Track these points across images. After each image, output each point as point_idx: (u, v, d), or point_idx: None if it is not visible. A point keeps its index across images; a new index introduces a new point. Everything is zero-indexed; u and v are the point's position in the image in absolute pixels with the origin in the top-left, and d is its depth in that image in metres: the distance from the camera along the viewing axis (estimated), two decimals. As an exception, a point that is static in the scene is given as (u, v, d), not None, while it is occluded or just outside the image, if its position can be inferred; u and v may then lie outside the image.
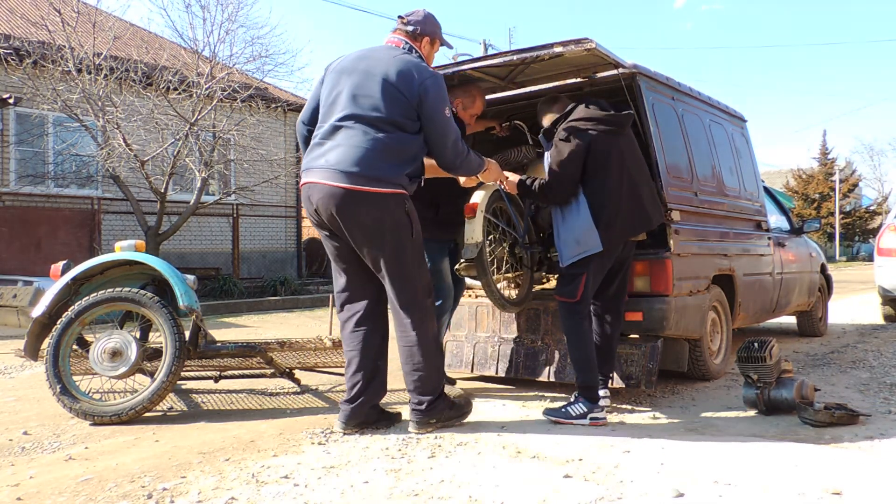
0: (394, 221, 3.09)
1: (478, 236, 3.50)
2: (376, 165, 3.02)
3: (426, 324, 3.21)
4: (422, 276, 3.23)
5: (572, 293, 3.44)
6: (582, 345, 3.44)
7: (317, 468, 2.72)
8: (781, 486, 2.44)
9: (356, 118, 3.08)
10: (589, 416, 3.34)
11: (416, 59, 3.21)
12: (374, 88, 3.09)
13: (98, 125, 10.05)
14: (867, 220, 42.47)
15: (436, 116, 3.11)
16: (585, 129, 3.46)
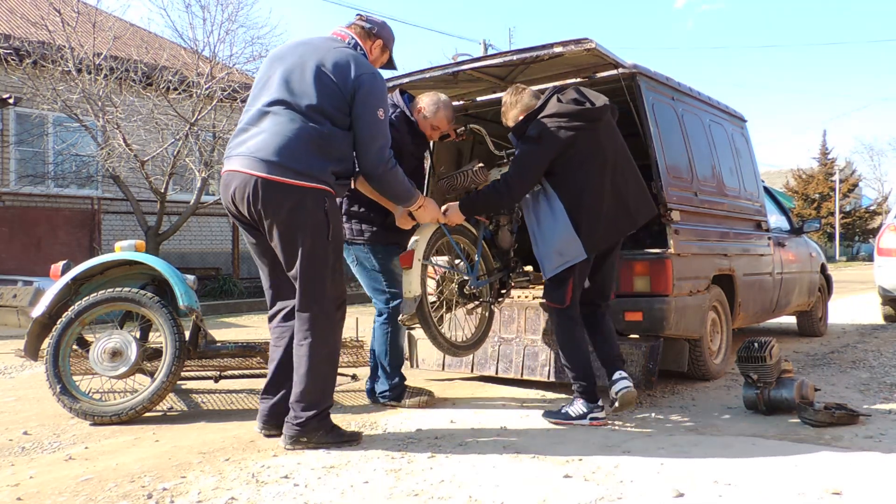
0: (309, 219, 2.87)
1: (415, 289, 3.26)
2: (298, 156, 2.82)
3: (324, 335, 2.95)
4: (332, 284, 2.97)
5: (561, 299, 3.34)
6: (575, 348, 3.37)
7: (317, 468, 2.71)
8: (781, 486, 2.44)
9: (284, 104, 2.88)
10: (589, 417, 3.30)
11: (357, 53, 3.02)
12: (306, 75, 2.89)
13: (98, 125, 10.06)
14: (867, 220, 42.46)
15: (365, 114, 2.90)
16: (558, 128, 3.24)
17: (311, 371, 2.93)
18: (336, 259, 2.99)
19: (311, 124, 2.84)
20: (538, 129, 3.25)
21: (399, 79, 4.24)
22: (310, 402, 2.93)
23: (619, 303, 3.87)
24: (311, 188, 2.84)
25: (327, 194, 2.90)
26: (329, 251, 2.94)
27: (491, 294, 3.82)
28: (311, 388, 2.93)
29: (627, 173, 3.38)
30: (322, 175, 2.86)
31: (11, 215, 10.50)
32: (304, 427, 2.92)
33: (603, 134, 3.31)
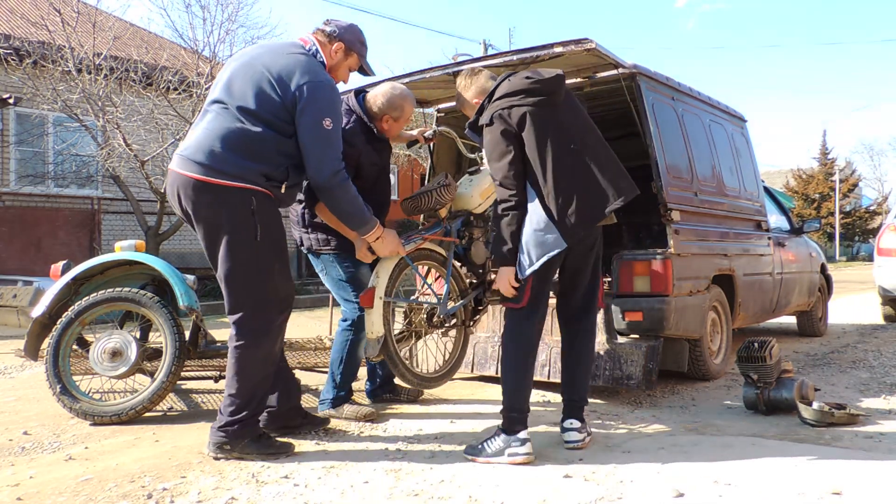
0: (232, 219, 2.77)
1: (378, 329, 3.07)
2: (223, 155, 2.74)
3: (256, 339, 2.83)
4: (267, 287, 2.84)
5: (518, 298, 2.94)
6: (520, 359, 2.93)
7: (317, 468, 2.72)
8: (781, 486, 2.44)
9: (223, 104, 2.84)
10: (506, 452, 2.78)
11: (310, 60, 2.90)
12: (251, 79, 2.82)
13: (98, 125, 10.06)
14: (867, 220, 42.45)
15: (307, 123, 2.79)
16: (510, 108, 2.93)
17: (238, 375, 2.82)
18: (272, 261, 2.86)
19: (240, 125, 2.77)
20: (490, 113, 2.97)
21: (399, 79, 4.24)
22: (236, 407, 2.82)
23: (620, 303, 3.88)
24: (233, 187, 2.75)
25: (256, 194, 2.79)
26: (259, 252, 2.82)
27: (465, 315, 3.58)
28: (238, 392, 2.82)
29: (598, 151, 3.01)
30: (248, 175, 2.76)
31: (11, 215, 10.51)
32: (227, 433, 2.81)
33: (563, 110, 2.99)
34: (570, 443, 2.96)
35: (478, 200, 3.57)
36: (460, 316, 3.55)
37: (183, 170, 2.79)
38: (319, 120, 2.80)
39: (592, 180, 2.94)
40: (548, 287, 3.01)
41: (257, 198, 2.79)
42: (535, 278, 2.92)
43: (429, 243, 3.42)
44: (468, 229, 3.63)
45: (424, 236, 3.37)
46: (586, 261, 3.08)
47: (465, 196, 3.57)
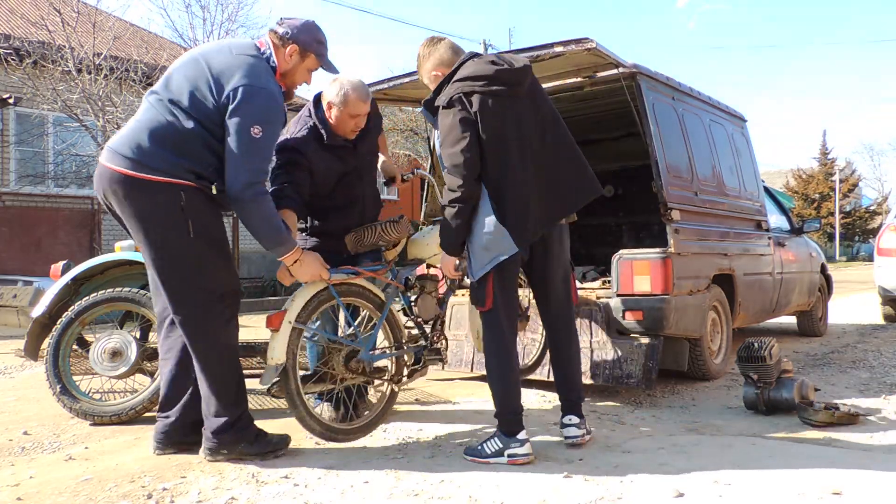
0: (160, 215, 2.66)
1: (278, 356, 2.78)
2: (151, 150, 2.63)
3: (206, 337, 2.74)
4: (207, 281, 2.73)
5: (482, 300, 2.85)
6: (500, 361, 2.87)
7: (317, 468, 2.71)
8: (781, 486, 2.44)
9: (158, 96, 2.73)
10: (506, 453, 2.76)
11: (257, 64, 2.75)
12: (191, 75, 2.71)
13: (98, 125, 10.06)
14: (867, 220, 42.48)
15: (233, 128, 2.64)
16: (471, 93, 2.75)
17: (205, 377, 2.75)
18: (209, 256, 2.74)
19: (171, 119, 2.67)
20: (450, 95, 2.79)
21: (399, 79, 4.25)
22: (217, 409, 2.74)
23: (620, 302, 3.88)
24: (160, 182, 2.63)
25: (185, 188, 2.66)
26: (193, 248, 2.69)
27: (395, 370, 3.27)
28: (213, 394, 2.75)
29: (560, 148, 2.88)
30: (175, 170, 2.64)
31: (11, 215, 10.51)
32: (219, 438, 2.75)
33: (525, 103, 2.84)
34: (570, 438, 2.95)
35: (433, 251, 3.34)
36: (389, 370, 3.28)
37: (109, 163, 2.68)
38: (247, 126, 2.64)
39: (551, 180, 2.83)
40: (512, 287, 2.91)
41: (187, 193, 2.66)
42: (496, 280, 2.83)
43: (364, 281, 3.13)
44: (421, 280, 3.41)
45: (360, 271, 3.12)
46: (554, 259, 2.98)
47: (420, 243, 3.38)
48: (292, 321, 2.84)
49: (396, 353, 3.24)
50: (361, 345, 3.07)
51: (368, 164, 3.47)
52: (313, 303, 2.93)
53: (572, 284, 3.12)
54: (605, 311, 3.91)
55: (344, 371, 3.04)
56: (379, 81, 4.33)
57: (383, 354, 3.20)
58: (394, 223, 3.14)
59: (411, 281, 3.39)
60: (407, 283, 3.37)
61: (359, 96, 3.17)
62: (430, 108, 2.93)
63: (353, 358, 3.06)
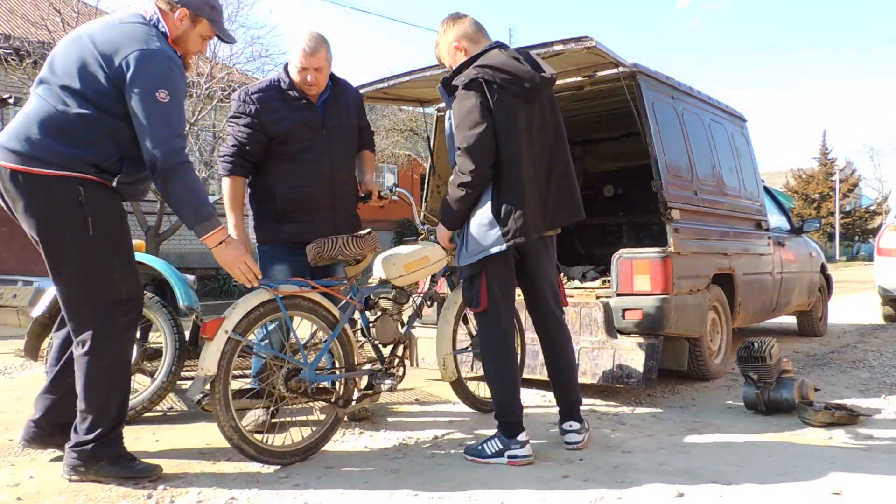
0: (56, 212, 2.47)
1: (210, 367, 2.55)
2: (42, 142, 2.43)
3: (100, 349, 2.51)
4: (105, 287, 2.52)
5: (476, 301, 2.82)
6: (499, 364, 2.84)
7: (316, 468, 2.71)
8: (781, 486, 2.44)
9: (46, 83, 2.52)
10: (506, 454, 2.74)
11: (144, 30, 2.55)
12: (75, 53, 2.49)
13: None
14: (867, 220, 42.47)
15: (136, 97, 2.43)
16: (495, 84, 2.71)
17: (85, 389, 2.52)
18: (109, 258, 2.55)
19: (63, 107, 2.46)
20: (471, 77, 2.73)
21: (398, 78, 4.24)
22: (88, 424, 2.52)
23: (620, 301, 3.88)
24: (55, 176, 2.43)
25: (84, 183, 2.47)
26: (93, 249, 2.51)
27: (342, 394, 2.98)
28: (88, 408, 2.52)
29: (556, 164, 2.87)
30: (71, 162, 2.45)
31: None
32: (80, 454, 2.52)
33: (537, 111, 2.83)
34: (571, 444, 2.94)
35: (399, 271, 3.17)
36: (337, 392, 2.99)
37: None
38: (151, 92, 2.44)
39: (543, 191, 2.82)
40: (510, 287, 2.90)
41: (86, 187, 2.47)
42: (492, 279, 2.80)
43: (319, 296, 2.90)
44: (382, 301, 3.22)
45: (315, 286, 2.89)
46: (544, 263, 2.97)
47: (387, 263, 3.17)
48: (229, 331, 2.60)
49: (346, 376, 2.97)
50: (305, 363, 2.82)
51: (338, 137, 3.27)
52: (256, 313, 2.69)
53: (561, 289, 3.09)
54: (605, 310, 3.91)
55: (283, 390, 2.79)
56: (379, 81, 4.33)
57: (330, 375, 2.97)
58: (357, 238, 2.98)
59: (373, 300, 3.18)
60: (367, 303, 3.17)
61: (308, 47, 3.07)
62: (447, 86, 2.85)
63: (295, 377, 2.81)
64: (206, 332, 2.59)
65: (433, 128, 5.13)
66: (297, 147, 3.16)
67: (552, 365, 3.03)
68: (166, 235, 10.72)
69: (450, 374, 3.42)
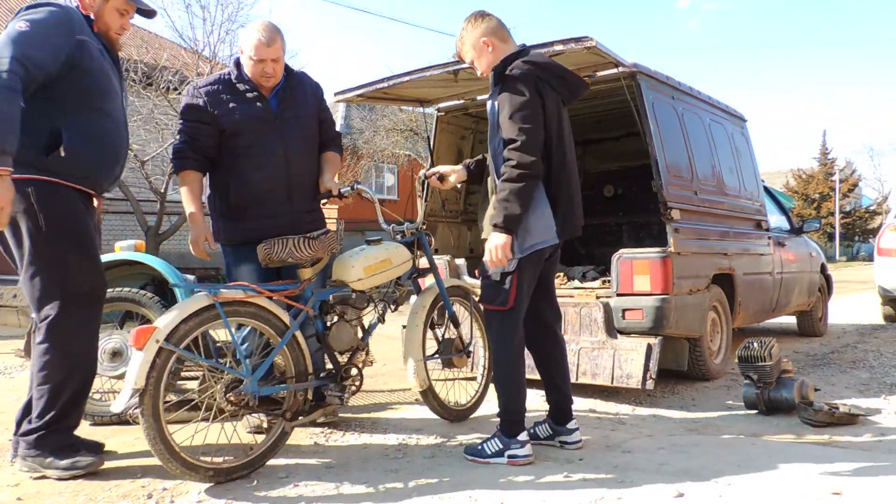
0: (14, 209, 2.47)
1: (138, 380, 2.35)
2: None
3: (58, 341, 2.56)
4: (63, 280, 2.56)
5: (504, 300, 2.77)
6: (511, 363, 2.83)
7: (316, 468, 2.72)
8: (781, 486, 2.44)
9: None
10: (507, 454, 2.75)
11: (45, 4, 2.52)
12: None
13: (98, 125, 10.05)
14: (867, 220, 42.47)
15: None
16: (546, 82, 2.75)
17: (37, 377, 2.59)
18: (67, 250, 2.58)
19: None
20: (523, 70, 2.71)
21: (398, 78, 4.25)
22: (37, 413, 2.59)
23: (620, 301, 3.88)
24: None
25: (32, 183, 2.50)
26: (42, 243, 2.53)
27: (290, 405, 2.77)
28: (38, 396, 2.59)
29: (574, 170, 2.93)
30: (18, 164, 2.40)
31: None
32: (31, 444, 2.59)
33: (566, 117, 2.90)
34: (576, 443, 2.96)
35: (358, 274, 3.00)
36: (288, 402, 2.78)
37: None
38: (14, 23, 2.44)
39: (577, 193, 2.89)
40: (531, 289, 2.89)
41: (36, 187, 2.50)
42: (521, 278, 2.78)
43: (266, 301, 2.70)
44: (339, 306, 3.05)
45: (262, 291, 2.69)
46: (554, 266, 3.03)
47: (344, 265, 3.01)
48: (160, 340, 2.39)
49: (293, 387, 2.76)
50: (247, 374, 2.63)
51: (295, 128, 3.16)
52: (193, 321, 2.48)
53: None
54: (605, 310, 3.91)
55: (223, 401, 2.59)
56: (379, 81, 4.33)
57: (274, 387, 2.74)
58: (310, 239, 2.82)
59: (328, 305, 3.02)
60: (323, 308, 3.00)
61: (264, 38, 2.99)
62: (498, 72, 2.78)
63: (236, 388, 2.61)
64: (135, 342, 2.37)
65: (433, 128, 5.13)
66: (248, 140, 3.08)
67: (558, 367, 3.01)
68: (166, 235, 10.72)
69: (421, 382, 3.20)
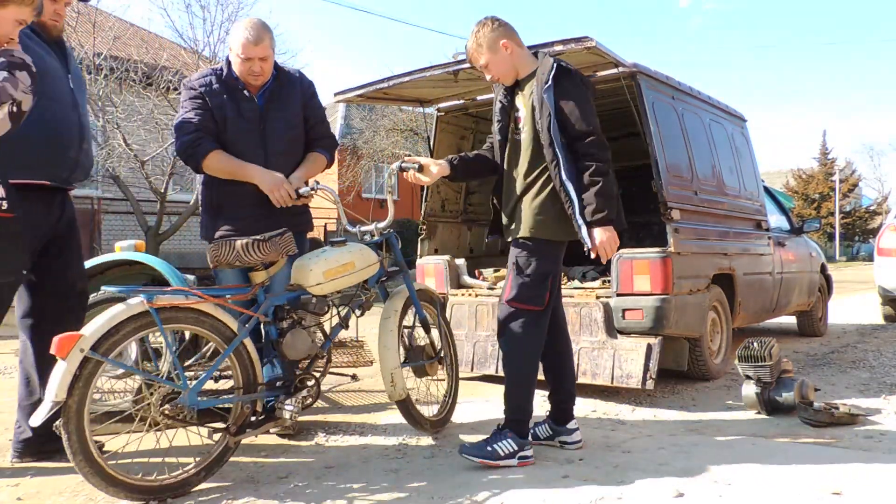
0: None
1: (59, 393, 2.19)
2: None
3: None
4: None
5: (539, 299, 2.76)
6: (533, 364, 2.82)
7: (316, 468, 2.71)
8: (781, 486, 2.44)
9: None
10: (518, 456, 2.72)
11: None
12: None
13: (98, 125, 10.06)
14: (867, 220, 42.47)
15: None
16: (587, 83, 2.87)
17: None
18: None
19: None
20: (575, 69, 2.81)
21: (398, 78, 4.25)
22: None
23: (620, 301, 3.88)
24: None
25: None
26: None
27: (236, 419, 2.56)
28: None
29: None
30: None
31: None
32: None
33: None
34: (572, 443, 2.95)
35: (317, 279, 2.80)
36: (234, 414, 2.57)
37: None
38: None
39: None
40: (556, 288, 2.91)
41: None
42: (555, 278, 2.82)
43: (210, 307, 2.52)
44: (295, 311, 2.81)
45: (205, 296, 2.51)
46: None
47: (302, 269, 2.81)
48: (86, 349, 2.22)
49: (241, 399, 2.57)
50: (184, 385, 2.45)
51: (278, 130, 3.11)
52: (125, 328, 2.32)
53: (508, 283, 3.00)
54: (605, 310, 3.91)
55: (158, 415, 2.42)
56: (379, 81, 4.33)
57: (214, 399, 2.58)
58: (260, 241, 2.61)
59: (283, 311, 2.79)
60: (277, 314, 2.78)
61: (252, 36, 2.94)
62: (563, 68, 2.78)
63: (173, 400, 2.44)
64: (58, 351, 2.20)
65: (433, 128, 5.14)
66: (232, 137, 3.04)
67: (565, 366, 3.01)
68: (166, 235, 10.72)
69: (399, 391, 2.98)
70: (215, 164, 3.00)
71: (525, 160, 2.85)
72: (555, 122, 2.71)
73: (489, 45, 2.85)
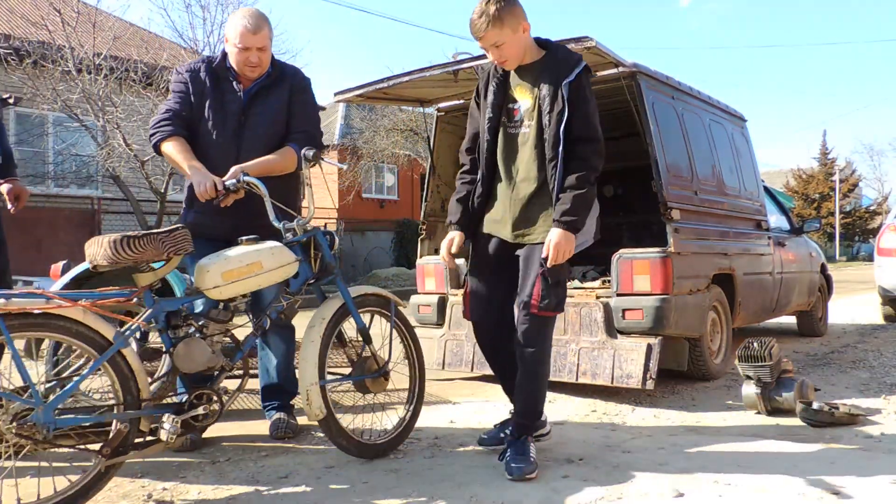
0: None
1: None
2: None
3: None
4: None
5: (560, 304, 2.65)
6: (546, 367, 2.72)
7: (316, 468, 2.71)
8: (781, 486, 2.44)
9: None
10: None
11: None
12: None
13: (98, 125, 10.07)
14: (867, 220, 42.48)
15: None
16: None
17: None
18: None
19: None
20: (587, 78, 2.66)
21: (398, 78, 4.25)
22: None
23: (620, 302, 3.88)
24: None
25: None
26: None
27: (111, 440, 2.23)
28: None
29: None
30: None
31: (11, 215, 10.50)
32: None
33: None
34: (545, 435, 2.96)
35: (215, 281, 2.45)
36: (111, 433, 2.23)
37: None
38: None
39: None
40: None
41: None
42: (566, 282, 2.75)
43: (78, 312, 2.21)
44: (194, 318, 2.52)
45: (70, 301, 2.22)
46: None
47: (199, 270, 2.48)
48: None
49: (117, 416, 2.24)
50: (39, 402, 2.16)
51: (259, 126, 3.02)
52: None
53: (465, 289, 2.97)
54: (605, 310, 3.91)
55: (12, 434, 2.12)
56: (379, 80, 4.33)
57: (76, 417, 2.24)
58: (133, 238, 2.30)
59: (179, 318, 2.47)
60: (170, 321, 2.46)
61: (251, 24, 2.88)
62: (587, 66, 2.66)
63: (25, 417, 2.15)
64: None
65: (433, 128, 5.13)
66: (209, 127, 2.98)
67: None
68: (166, 235, 10.73)
69: (316, 410, 2.61)
70: (168, 150, 2.90)
71: (531, 158, 2.66)
72: (566, 120, 2.55)
73: (512, 24, 2.59)
